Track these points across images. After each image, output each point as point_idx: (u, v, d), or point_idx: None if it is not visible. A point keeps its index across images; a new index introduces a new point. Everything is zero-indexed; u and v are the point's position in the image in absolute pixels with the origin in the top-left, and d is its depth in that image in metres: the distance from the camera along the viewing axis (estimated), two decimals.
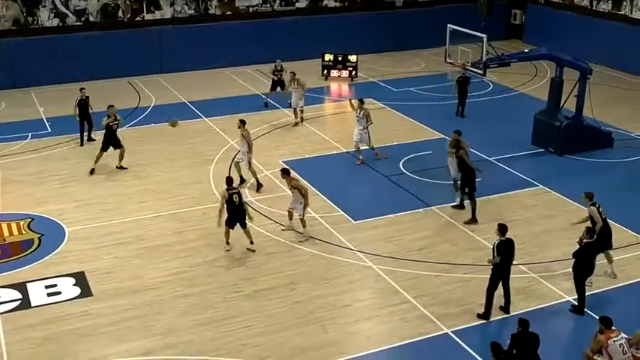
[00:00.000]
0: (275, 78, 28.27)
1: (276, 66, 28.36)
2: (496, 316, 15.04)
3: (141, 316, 15.19)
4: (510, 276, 15.00)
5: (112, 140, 22.45)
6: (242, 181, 21.11)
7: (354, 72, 32.61)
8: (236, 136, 22.63)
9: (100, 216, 19.60)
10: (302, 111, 26.49)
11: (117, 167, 22.61)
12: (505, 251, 14.63)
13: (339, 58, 32.70)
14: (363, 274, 16.78)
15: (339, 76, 32.56)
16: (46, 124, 26.76)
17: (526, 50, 27.23)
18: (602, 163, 23.00)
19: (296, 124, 26.40)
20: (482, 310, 15.02)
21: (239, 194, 17.39)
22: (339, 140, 24.67)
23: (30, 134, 25.67)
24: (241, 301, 15.69)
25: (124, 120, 24.69)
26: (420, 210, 19.72)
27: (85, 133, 24.59)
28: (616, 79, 32.34)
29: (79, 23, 32.77)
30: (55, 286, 16.29)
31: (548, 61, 28.17)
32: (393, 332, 14.66)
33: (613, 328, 12.24)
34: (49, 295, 15.96)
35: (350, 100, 25.42)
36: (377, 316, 15.20)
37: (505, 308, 15.12)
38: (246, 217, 17.59)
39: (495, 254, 14.59)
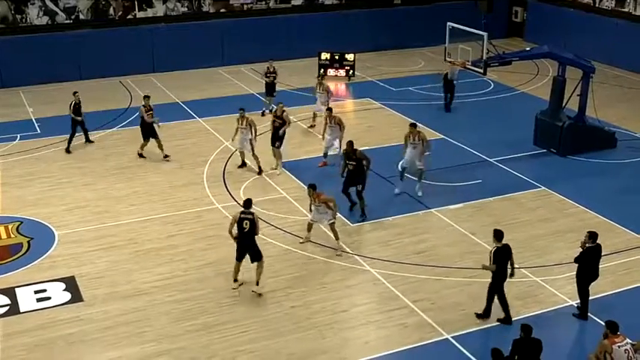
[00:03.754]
0: (268, 80, 27.57)
1: (268, 67, 27.59)
2: (497, 321, 15.04)
3: (133, 322, 15.17)
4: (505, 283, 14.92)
5: (150, 131, 23.37)
6: (243, 164, 22.36)
7: (351, 71, 32.63)
8: (230, 136, 22.66)
9: (90, 219, 19.58)
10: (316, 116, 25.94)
11: (164, 157, 23.44)
12: (502, 258, 14.61)
13: (336, 57, 32.70)
14: (361, 278, 16.77)
15: (336, 76, 32.56)
16: (35, 124, 26.73)
17: (527, 49, 27.30)
18: (605, 164, 23.03)
19: (311, 126, 26.08)
20: (480, 310, 15.07)
21: (251, 222, 15.72)
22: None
23: (19, 135, 25.64)
24: (236, 307, 15.68)
25: (114, 120, 24.73)
26: (419, 212, 19.72)
27: (78, 134, 24.43)
28: (619, 78, 32.39)
29: (69, 21, 32.75)
30: (44, 291, 16.25)
31: (550, 59, 28.19)
32: (392, 338, 14.65)
33: (618, 333, 12.23)
34: (38, 300, 15.92)
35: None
36: (375, 322, 15.19)
37: (506, 319, 15.02)
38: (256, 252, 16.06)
39: (492, 262, 14.58)
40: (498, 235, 14.67)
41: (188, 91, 30.80)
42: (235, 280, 16.35)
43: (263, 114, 27.38)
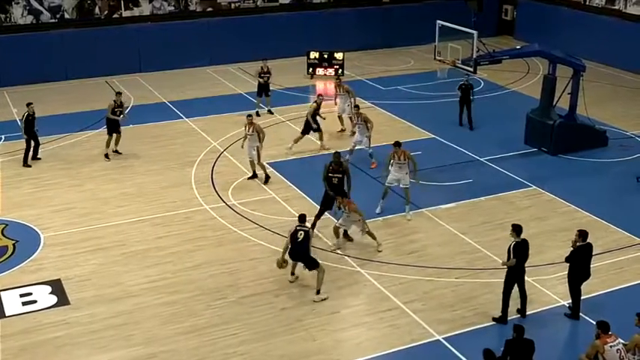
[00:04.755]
0: (262, 81, 27.26)
1: (262, 67, 27.37)
2: (488, 322, 15.08)
3: (121, 325, 15.13)
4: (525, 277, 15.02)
5: (113, 126, 23.58)
6: (254, 176, 21.68)
7: (340, 70, 32.64)
8: (218, 137, 22.67)
9: (77, 221, 19.52)
10: (349, 118, 24.92)
11: (113, 151, 23.64)
12: (521, 253, 14.68)
13: (325, 56, 32.72)
14: (352, 280, 16.78)
15: (325, 75, 32.58)
16: (20, 125, 26.53)
17: (518, 47, 27.35)
18: (596, 163, 23.13)
19: (341, 130, 25.66)
20: (498, 314, 15.07)
21: (306, 233, 15.99)
22: (326, 141, 24.66)
23: (3, 137, 25.56)
24: (225, 309, 15.67)
25: (100, 120, 24.66)
26: (410, 212, 19.75)
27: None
28: (610, 76, 32.53)
29: (53, 20, 32.64)
30: (30, 294, 16.19)
31: (541, 57, 28.32)
32: (383, 339, 14.67)
33: (610, 333, 12.29)
34: (24, 304, 15.86)
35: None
36: (366, 323, 15.21)
37: (522, 311, 15.15)
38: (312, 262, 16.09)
39: (512, 256, 14.63)
40: (517, 229, 14.77)
41: (175, 91, 30.75)
42: (292, 274, 16.60)
43: (258, 114, 27.28)
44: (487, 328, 14.91)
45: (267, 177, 21.61)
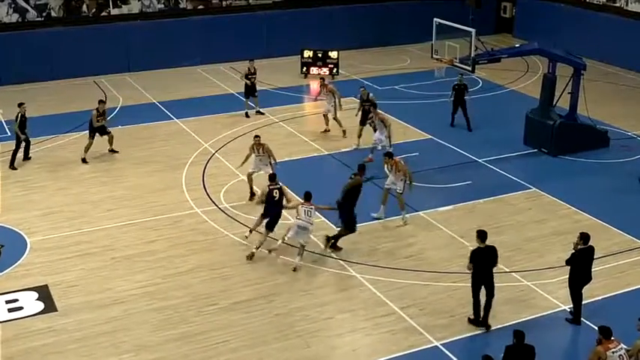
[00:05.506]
0: (248, 82, 27.18)
1: (249, 69, 27.30)
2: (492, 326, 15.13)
3: (109, 332, 15.11)
4: (494, 286, 14.93)
5: (99, 130, 23.65)
6: (253, 194, 20.66)
7: (335, 69, 32.66)
8: (209, 138, 22.66)
9: (65, 225, 19.50)
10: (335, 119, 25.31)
11: (109, 151, 23.91)
12: (482, 259, 14.66)
13: (319, 55, 32.73)
14: (347, 284, 16.80)
15: (320, 74, 32.56)
16: (5, 127, 26.55)
17: (517, 45, 27.43)
18: (598, 164, 23.18)
19: (325, 131, 25.71)
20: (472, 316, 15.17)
21: (280, 190, 18.15)
22: (320, 142, 24.69)
23: None
24: (217, 315, 15.66)
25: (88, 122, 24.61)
26: (407, 215, 19.77)
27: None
28: (611, 75, 32.62)
29: (40, 19, 32.61)
30: (16, 300, 16.16)
31: (540, 56, 28.37)
32: (380, 345, 14.68)
33: (612, 338, 12.31)
34: (10, 310, 15.83)
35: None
36: (362, 329, 15.21)
37: (478, 320, 15.05)
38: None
39: (469, 261, 14.73)
40: (481, 235, 14.73)
41: (165, 91, 30.73)
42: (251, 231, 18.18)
43: (247, 115, 27.34)
44: (486, 334, 14.93)
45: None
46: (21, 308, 15.92)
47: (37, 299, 16.22)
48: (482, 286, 14.87)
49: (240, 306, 15.94)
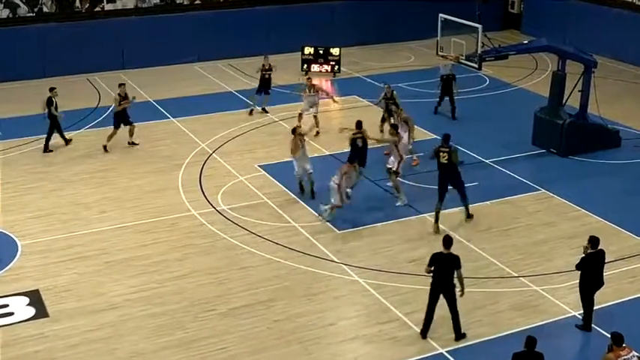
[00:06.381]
0: (266, 76, 27.31)
1: (264, 65, 27.38)
2: (494, 334, 15.12)
3: (103, 339, 15.11)
4: (455, 296, 14.82)
5: (123, 119, 24.38)
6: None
7: (336, 67, 32.68)
8: (207, 137, 22.66)
9: (57, 228, 19.51)
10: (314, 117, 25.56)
11: (128, 143, 24.54)
12: (441, 265, 14.59)
13: (321, 52, 32.75)
14: (349, 289, 16.80)
15: (321, 72, 32.60)
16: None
17: (525, 42, 27.41)
18: (609, 165, 23.18)
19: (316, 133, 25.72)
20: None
21: (363, 139, 20.50)
22: (321, 142, 24.70)
23: None
24: (214, 321, 15.66)
25: (81, 120, 24.66)
26: (411, 218, 19.78)
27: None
28: (623, 73, 32.63)
29: (31, 14, 32.63)
30: (6, 306, 16.16)
31: (549, 53, 28.36)
32: (382, 353, 14.68)
33: (624, 345, 12.31)
34: (0, 316, 15.83)
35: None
36: (364, 336, 15.21)
37: (455, 332, 14.95)
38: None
39: (427, 264, 14.71)
40: (445, 241, 14.68)
41: (161, 89, 30.73)
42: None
43: (251, 113, 27.47)
44: (493, 341, 14.93)
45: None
46: (11, 314, 15.93)
47: (28, 304, 16.22)
48: (442, 295, 14.77)
49: (239, 311, 15.95)
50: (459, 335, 14.92)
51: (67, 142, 24.76)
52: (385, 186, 21.32)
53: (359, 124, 20.89)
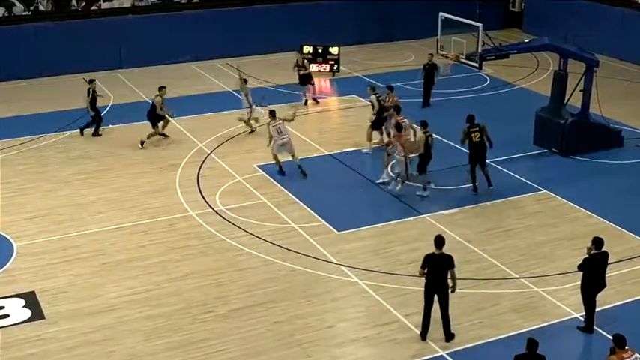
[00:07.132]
0: (302, 71, 28.31)
1: (297, 60, 28.33)
2: (496, 335, 15.12)
3: (100, 341, 15.11)
4: (449, 297, 14.81)
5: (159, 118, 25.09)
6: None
7: (335, 66, 32.68)
8: (204, 137, 22.63)
9: (53, 229, 19.51)
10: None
11: (159, 134, 25.14)
12: (434, 266, 14.59)
13: (320, 51, 32.75)
14: (348, 291, 16.81)
15: (320, 71, 32.60)
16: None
17: (526, 40, 27.38)
18: (611, 165, 23.18)
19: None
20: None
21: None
22: (321, 142, 24.71)
23: None
24: (213, 323, 15.66)
25: (77, 120, 24.70)
26: (411, 219, 19.79)
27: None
28: (625, 72, 32.64)
29: (27, 13, 32.65)
30: (2, 308, 16.16)
31: (551, 52, 28.35)
32: (382, 355, 14.69)
33: (626, 347, 12.32)
34: None
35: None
36: (364, 337, 15.22)
37: (445, 333, 14.95)
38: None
39: (421, 266, 14.70)
40: (437, 241, 14.68)
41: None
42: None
43: (306, 103, 28.54)
44: (494, 343, 14.93)
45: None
46: (7, 316, 15.92)
47: (24, 306, 16.22)
48: (436, 295, 14.77)
49: (238, 313, 15.95)
50: (449, 336, 14.92)
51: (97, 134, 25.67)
52: (385, 188, 21.33)
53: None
